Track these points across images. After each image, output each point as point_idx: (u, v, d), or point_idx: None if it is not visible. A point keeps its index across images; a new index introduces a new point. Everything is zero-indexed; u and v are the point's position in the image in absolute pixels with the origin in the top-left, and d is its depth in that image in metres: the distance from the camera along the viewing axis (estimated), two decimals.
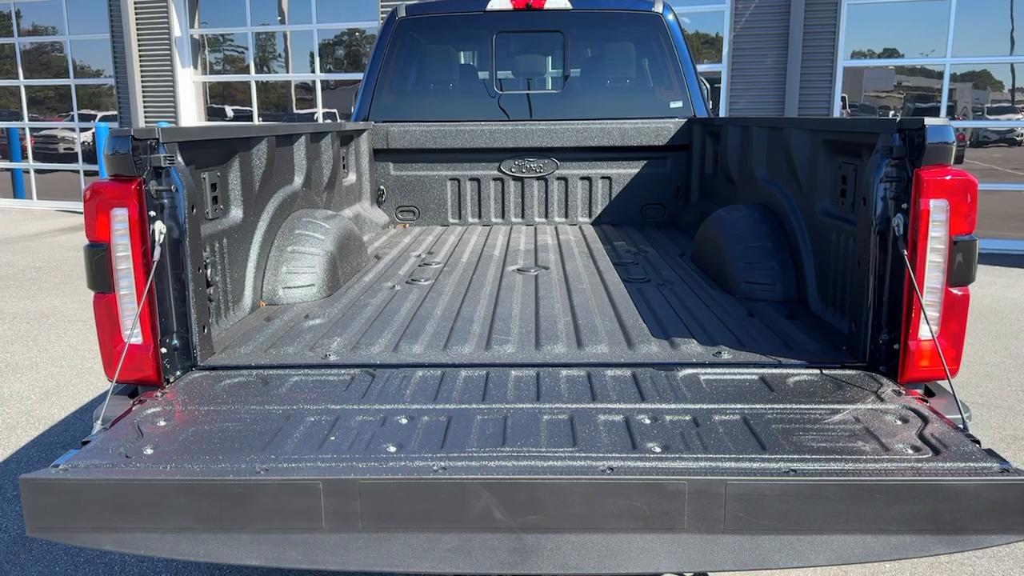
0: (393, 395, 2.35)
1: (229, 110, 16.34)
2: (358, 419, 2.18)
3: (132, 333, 2.42)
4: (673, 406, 2.24)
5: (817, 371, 2.53)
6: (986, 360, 6.45)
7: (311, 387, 2.45)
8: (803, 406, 2.23)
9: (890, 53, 13.10)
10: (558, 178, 5.86)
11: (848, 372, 2.51)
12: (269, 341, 2.89)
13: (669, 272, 4.08)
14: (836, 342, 2.81)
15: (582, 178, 5.85)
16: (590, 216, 5.91)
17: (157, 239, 2.45)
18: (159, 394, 2.39)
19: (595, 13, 5.90)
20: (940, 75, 12.86)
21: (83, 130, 16.90)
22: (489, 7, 5.82)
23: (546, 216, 5.93)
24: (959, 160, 2.55)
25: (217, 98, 16.39)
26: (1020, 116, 12.58)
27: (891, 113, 13.59)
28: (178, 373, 2.59)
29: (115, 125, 16.04)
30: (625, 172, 5.82)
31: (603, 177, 5.84)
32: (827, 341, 2.81)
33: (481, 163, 5.83)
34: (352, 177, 5.47)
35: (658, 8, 5.85)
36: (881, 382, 2.43)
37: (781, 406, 2.24)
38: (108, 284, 2.42)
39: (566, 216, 5.93)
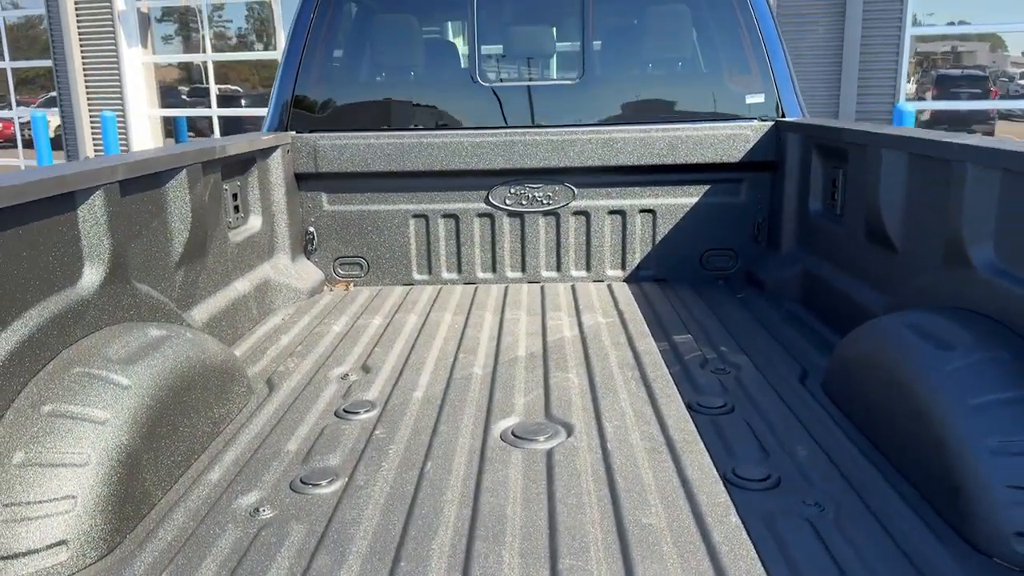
0: None
1: (214, 89, 13.97)
2: None
3: None
4: None
5: None
6: None
7: None
8: None
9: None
10: (575, 212, 3.90)
11: None
12: None
13: (808, 445, 2.13)
14: None
15: (611, 212, 3.90)
16: (623, 268, 3.96)
17: None
18: None
19: None
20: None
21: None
22: None
23: (558, 269, 3.98)
24: None
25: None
26: None
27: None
28: None
29: (55, 111, 14.00)
30: (677, 203, 3.86)
31: (643, 210, 3.88)
32: None
33: (461, 191, 3.89)
34: (254, 224, 3.51)
35: None
36: None
37: None
38: None
39: (588, 269, 3.97)
